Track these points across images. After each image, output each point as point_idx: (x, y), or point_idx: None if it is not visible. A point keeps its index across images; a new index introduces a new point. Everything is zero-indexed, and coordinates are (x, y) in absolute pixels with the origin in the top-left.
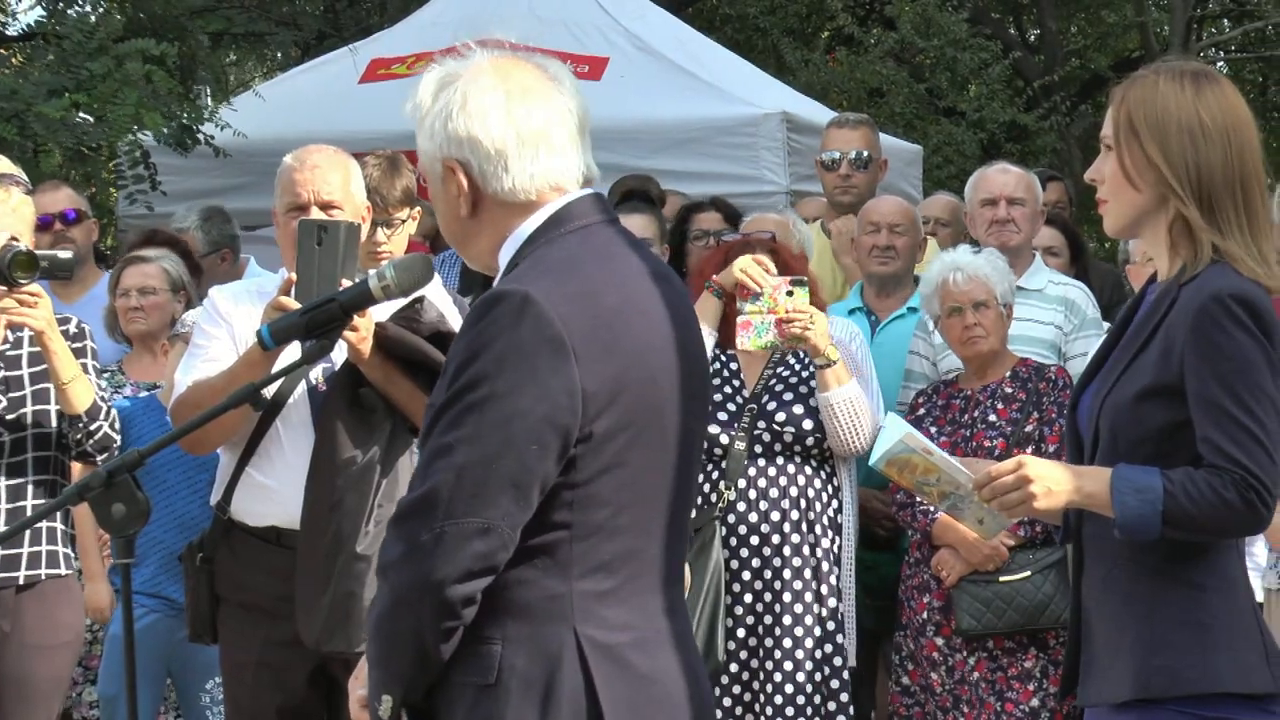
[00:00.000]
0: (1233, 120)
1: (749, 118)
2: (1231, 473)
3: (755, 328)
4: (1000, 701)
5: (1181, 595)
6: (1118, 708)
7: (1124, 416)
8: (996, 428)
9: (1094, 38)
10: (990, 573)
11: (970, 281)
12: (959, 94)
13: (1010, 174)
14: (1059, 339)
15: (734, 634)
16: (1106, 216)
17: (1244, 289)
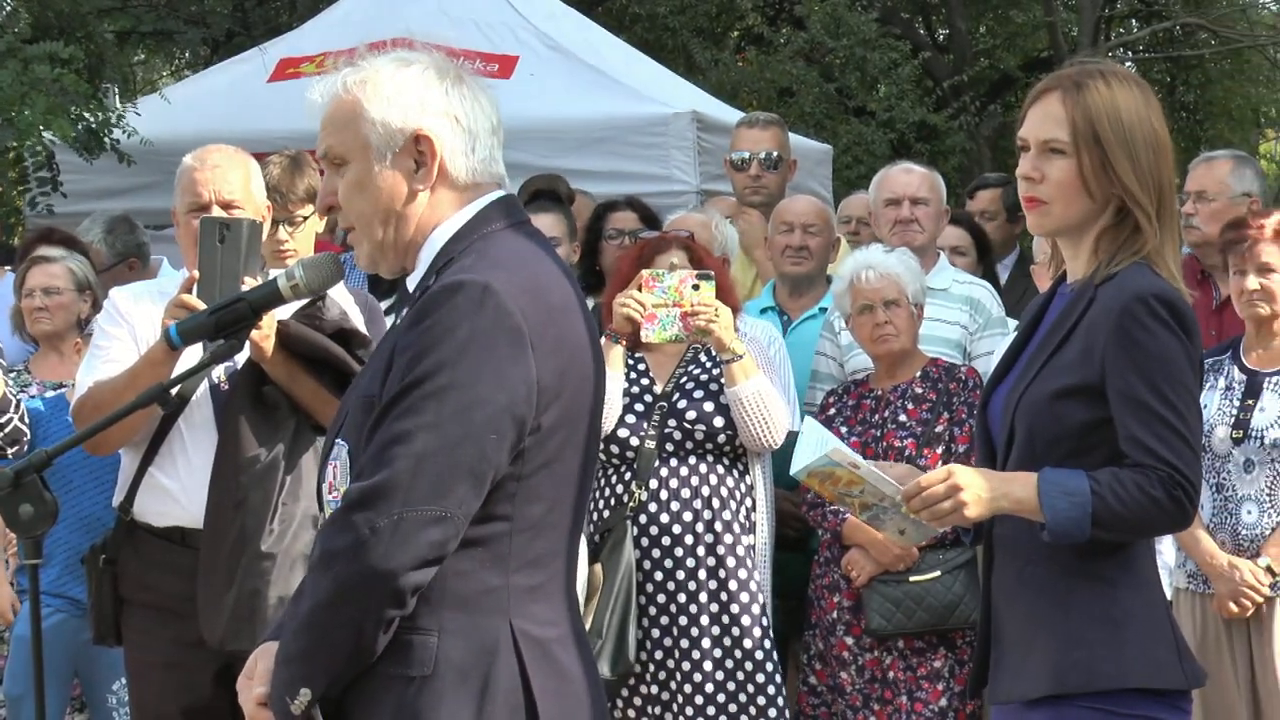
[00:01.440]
0: (1166, 131)
1: (659, 117)
2: (1158, 470)
3: (660, 320)
4: (910, 701)
5: (1096, 592)
6: (1029, 705)
7: (1041, 415)
8: (907, 428)
9: (1003, 38)
10: (900, 573)
11: (882, 280)
12: (869, 94)
13: (914, 174)
14: (964, 338)
15: (649, 634)
16: (1043, 217)
17: (1165, 289)
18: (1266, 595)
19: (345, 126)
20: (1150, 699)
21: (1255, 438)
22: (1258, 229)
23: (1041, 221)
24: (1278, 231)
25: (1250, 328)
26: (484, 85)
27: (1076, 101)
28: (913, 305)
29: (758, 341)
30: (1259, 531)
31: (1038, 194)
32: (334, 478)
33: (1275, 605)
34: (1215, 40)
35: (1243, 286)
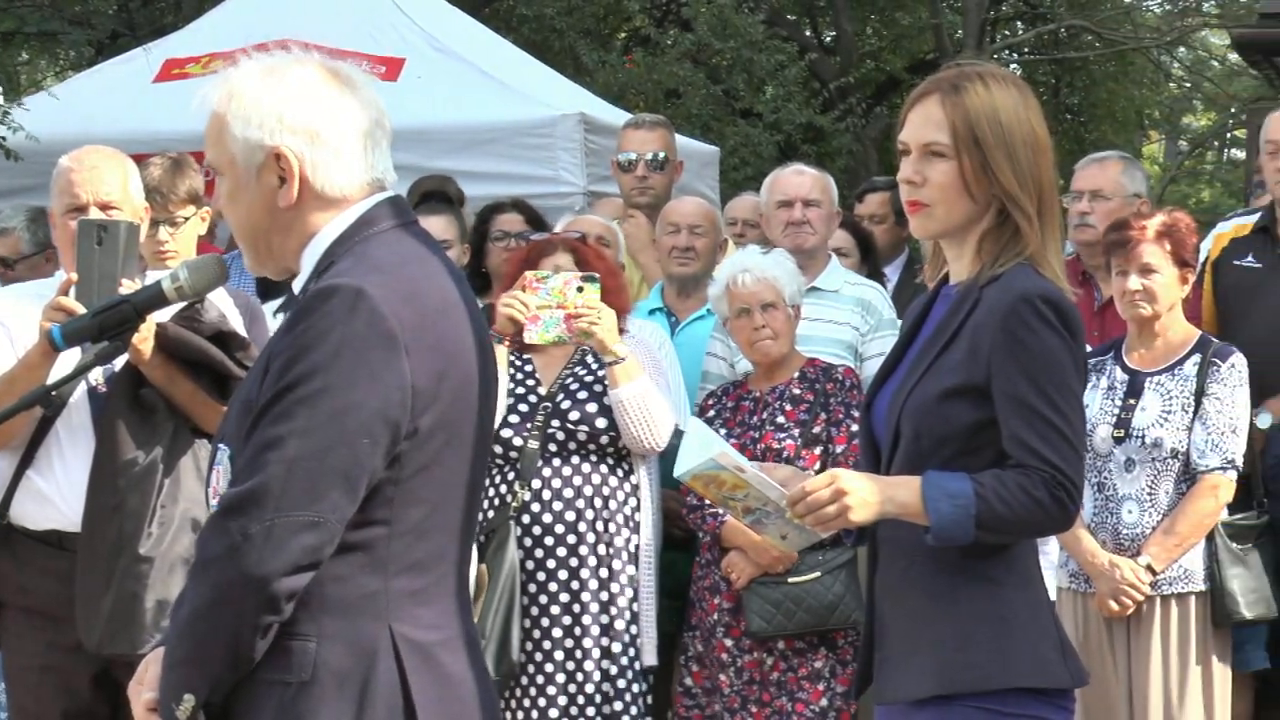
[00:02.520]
0: (1046, 131)
1: (546, 119)
2: (1041, 471)
3: (544, 322)
4: (791, 702)
5: (981, 591)
6: (915, 705)
7: (928, 416)
8: (785, 429)
9: (889, 40)
10: (780, 574)
11: (758, 283)
12: (756, 95)
13: (806, 175)
14: (856, 340)
15: (530, 634)
16: (926, 220)
17: (1049, 290)
18: (1146, 594)
19: (216, 141)
20: (1035, 698)
21: (1136, 437)
22: (1140, 230)
23: (924, 225)
24: (1160, 233)
25: (1132, 328)
26: (364, 85)
27: (955, 104)
28: (790, 307)
29: (645, 343)
30: (1140, 531)
31: (920, 197)
32: (217, 482)
33: (1155, 604)
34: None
35: (1125, 287)
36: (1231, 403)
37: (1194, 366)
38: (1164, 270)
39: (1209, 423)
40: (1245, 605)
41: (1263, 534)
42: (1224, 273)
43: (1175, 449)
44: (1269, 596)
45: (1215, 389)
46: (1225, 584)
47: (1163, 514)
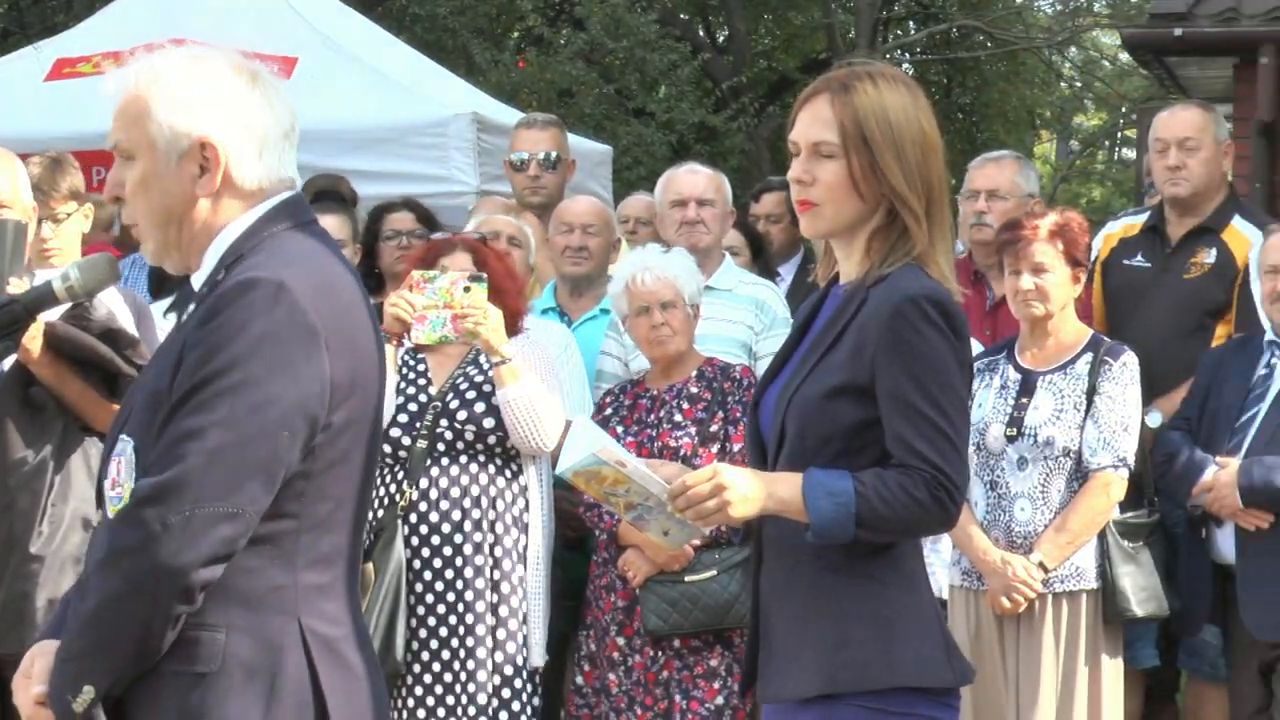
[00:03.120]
0: (936, 130)
1: (439, 118)
2: (922, 471)
3: (430, 321)
4: (686, 700)
5: (865, 591)
6: (801, 704)
7: (812, 414)
8: (682, 427)
9: (782, 39)
10: (676, 573)
11: (658, 281)
12: (649, 95)
13: (700, 175)
14: (750, 338)
15: (416, 634)
16: (815, 220)
17: (936, 291)
18: (1038, 591)
19: (134, 123)
20: (920, 697)
21: (1029, 436)
22: (1032, 229)
23: (814, 224)
24: (1052, 232)
25: (1025, 327)
26: (278, 86)
27: (844, 104)
28: (689, 306)
29: (539, 344)
30: (1032, 528)
31: (809, 196)
32: (118, 474)
33: (1047, 601)
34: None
35: (1017, 286)
36: (1123, 401)
37: (1086, 365)
38: (1056, 270)
39: (1101, 421)
40: (1136, 603)
41: (1153, 532)
42: (1113, 272)
43: (1067, 447)
44: (1159, 594)
45: (1107, 387)
46: (1116, 582)
47: (1055, 512)
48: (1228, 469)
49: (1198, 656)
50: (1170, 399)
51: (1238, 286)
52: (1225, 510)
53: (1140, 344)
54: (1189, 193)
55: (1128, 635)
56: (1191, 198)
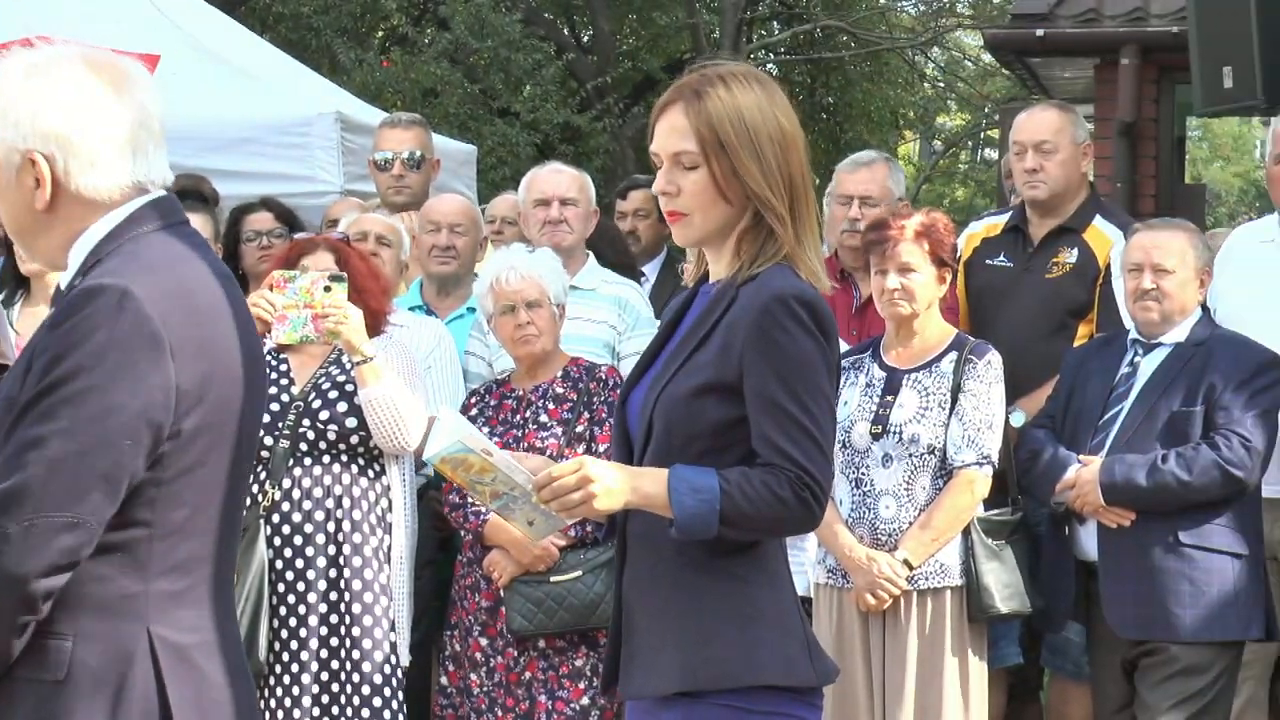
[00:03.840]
0: (796, 126)
1: (302, 118)
2: (787, 471)
3: (291, 321)
4: (551, 700)
5: (727, 589)
6: (662, 702)
7: (678, 412)
8: (548, 428)
9: (646, 39)
10: (542, 573)
11: (523, 280)
12: (513, 95)
13: (563, 174)
14: (613, 338)
15: (279, 634)
16: (686, 229)
17: (805, 290)
18: (903, 588)
19: None
20: (782, 696)
21: (894, 433)
22: (899, 230)
23: (685, 233)
24: (918, 232)
25: (890, 326)
26: (137, 83)
27: (698, 111)
28: (555, 306)
29: (402, 344)
30: (897, 526)
31: (676, 207)
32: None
33: (912, 599)
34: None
35: (883, 286)
36: (987, 399)
37: (950, 364)
38: (922, 269)
39: (965, 419)
40: (1000, 600)
41: (1017, 530)
42: (976, 272)
43: (932, 445)
44: (1023, 592)
45: (971, 386)
46: (980, 579)
47: (919, 509)
48: (1090, 467)
49: (1061, 654)
50: (1033, 397)
51: (1099, 286)
52: (1087, 508)
53: (1003, 343)
54: (1046, 195)
55: (991, 633)
56: (1050, 199)
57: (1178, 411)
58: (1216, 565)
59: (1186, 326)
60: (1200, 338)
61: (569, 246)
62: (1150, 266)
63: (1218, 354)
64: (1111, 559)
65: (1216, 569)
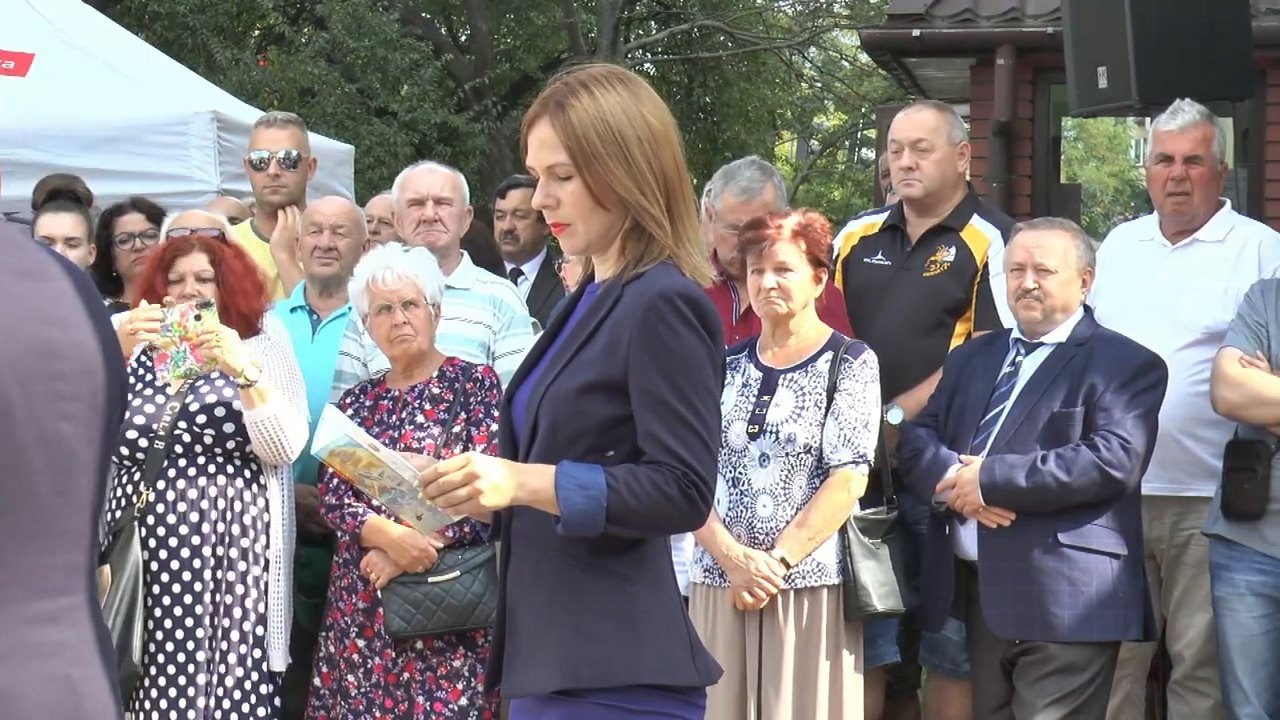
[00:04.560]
0: (667, 120)
1: (178, 117)
2: (674, 468)
3: (172, 358)
4: (430, 701)
5: (610, 588)
6: (544, 701)
7: (565, 409)
8: (424, 428)
9: (524, 39)
10: (419, 574)
11: (399, 280)
12: (391, 95)
13: (437, 174)
14: (488, 338)
15: (154, 636)
16: (572, 239)
17: (690, 289)
18: (780, 587)
19: None
20: (664, 695)
21: (770, 433)
22: (776, 229)
23: (572, 243)
24: (795, 232)
25: (767, 326)
26: None
27: (564, 123)
28: (430, 305)
29: (279, 344)
30: (774, 524)
31: (559, 219)
32: None
33: (789, 597)
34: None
35: (760, 285)
36: (863, 398)
37: (826, 363)
38: (799, 269)
39: (841, 418)
40: (877, 599)
41: (893, 529)
42: (854, 271)
43: (808, 444)
44: (899, 591)
45: (847, 385)
46: (857, 578)
47: (796, 508)
48: (970, 467)
49: (938, 653)
50: (911, 395)
51: (976, 285)
52: (967, 508)
53: (881, 341)
54: (923, 193)
55: (868, 631)
56: (926, 198)
57: (1058, 412)
58: (1095, 565)
59: (1068, 326)
60: (1082, 337)
61: (444, 246)
62: (1032, 266)
63: (1099, 354)
64: (991, 559)
65: (1095, 569)
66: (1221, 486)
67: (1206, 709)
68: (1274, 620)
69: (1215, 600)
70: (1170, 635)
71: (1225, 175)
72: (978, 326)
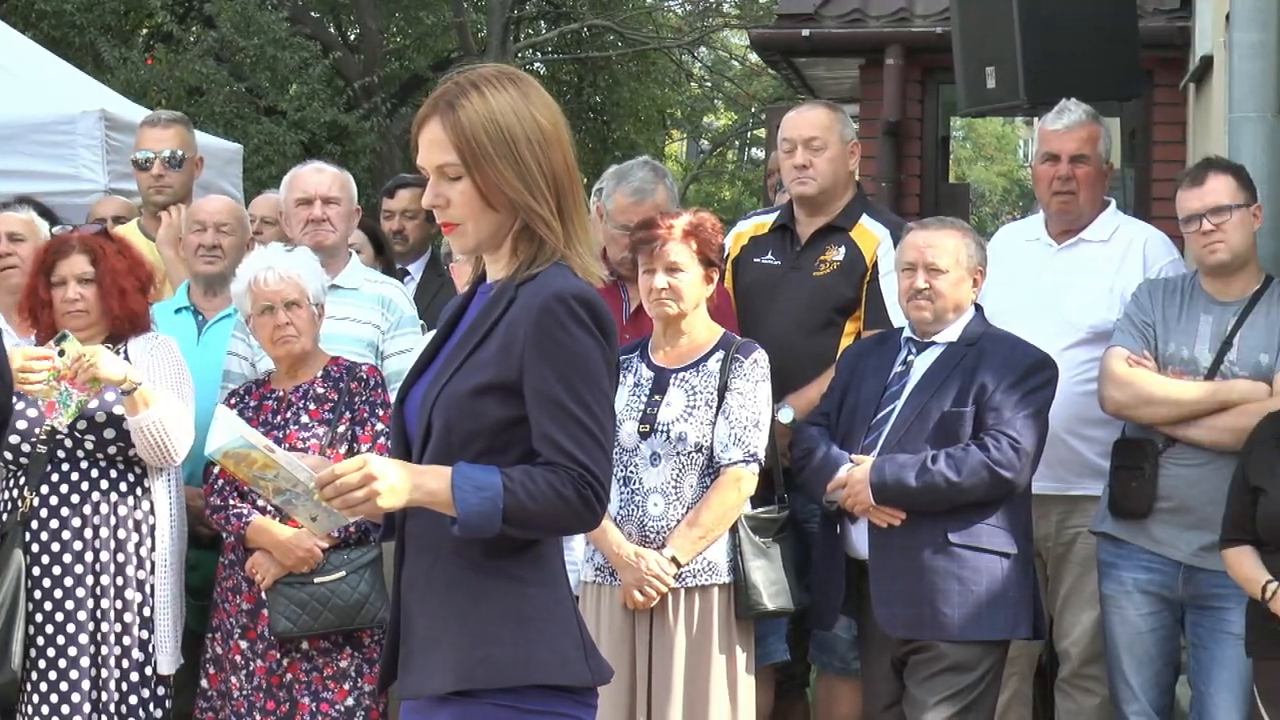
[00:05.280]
0: (558, 120)
1: (65, 116)
2: (570, 470)
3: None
4: (316, 702)
5: (504, 589)
6: (438, 702)
7: (459, 410)
8: (309, 428)
9: (413, 38)
10: (305, 574)
11: (281, 280)
12: (280, 93)
13: (325, 173)
14: (377, 337)
15: (35, 641)
16: (462, 239)
17: (584, 290)
18: (671, 586)
19: None
20: (557, 695)
21: (662, 432)
22: (667, 229)
23: (461, 243)
24: (686, 232)
25: (658, 326)
26: None
27: (454, 123)
28: (314, 305)
29: (166, 342)
30: (665, 523)
31: (448, 218)
32: None
33: (679, 596)
34: (622, 42)
35: (651, 285)
36: (754, 398)
37: (717, 363)
38: (690, 269)
39: (732, 417)
40: (767, 597)
41: (784, 528)
42: (744, 270)
43: (699, 443)
44: (789, 589)
45: (738, 385)
46: (748, 576)
47: (687, 507)
48: (861, 467)
49: (828, 651)
50: (802, 394)
51: (866, 284)
52: (858, 507)
53: (771, 341)
54: (816, 191)
55: (758, 630)
56: (819, 196)
57: (949, 411)
58: (985, 564)
59: (959, 326)
60: (973, 337)
61: (332, 245)
62: (924, 265)
63: (990, 354)
64: (881, 558)
65: (985, 568)
66: (1109, 485)
67: (1093, 706)
68: (1161, 618)
69: (1103, 598)
70: (1057, 633)
71: (1111, 175)
72: (867, 326)
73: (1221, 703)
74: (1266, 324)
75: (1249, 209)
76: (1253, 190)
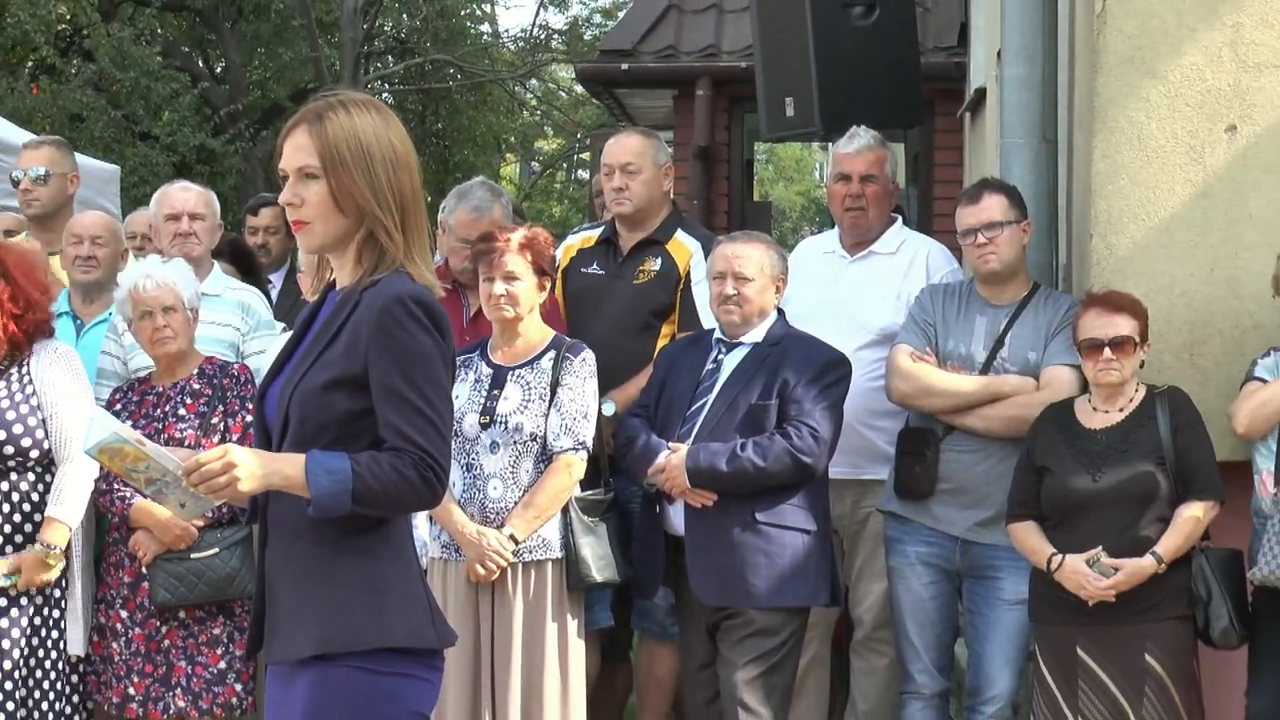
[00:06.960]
0: (409, 148)
1: None
2: (411, 454)
3: None
4: (191, 665)
5: (357, 563)
6: (300, 665)
7: (312, 404)
8: (186, 420)
9: (274, 70)
10: (182, 550)
11: (159, 288)
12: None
13: (191, 191)
14: (237, 339)
15: None
16: (309, 237)
17: (421, 293)
18: (509, 560)
19: None
20: (407, 658)
21: (500, 423)
22: (504, 242)
23: (308, 240)
24: (522, 244)
25: (497, 328)
26: None
27: (320, 132)
28: (188, 310)
29: (65, 350)
30: (504, 505)
31: (300, 216)
32: None
33: (518, 570)
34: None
35: (490, 292)
36: (582, 392)
37: (550, 362)
38: (525, 278)
39: (563, 410)
40: (595, 570)
41: (610, 508)
42: (572, 279)
43: (534, 433)
44: (614, 563)
45: (568, 381)
46: (578, 551)
47: (524, 490)
48: (678, 453)
49: (648, 618)
50: (624, 389)
51: (680, 291)
52: (675, 490)
53: (597, 341)
54: (632, 210)
55: (587, 599)
56: (635, 214)
57: (755, 404)
58: (789, 540)
59: (764, 328)
60: (776, 338)
61: (198, 257)
62: (732, 274)
63: (791, 353)
64: (696, 534)
65: (789, 544)
66: (895, 469)
67: (884, 665)
68: (940, 587)
69: (889, 570)
70: (852, 601)
71: (897, 193)
72: (681, 328)
73: (995, 660)
74: (1034, 325)
75: (1019, 225)
76: (1023, 208)
